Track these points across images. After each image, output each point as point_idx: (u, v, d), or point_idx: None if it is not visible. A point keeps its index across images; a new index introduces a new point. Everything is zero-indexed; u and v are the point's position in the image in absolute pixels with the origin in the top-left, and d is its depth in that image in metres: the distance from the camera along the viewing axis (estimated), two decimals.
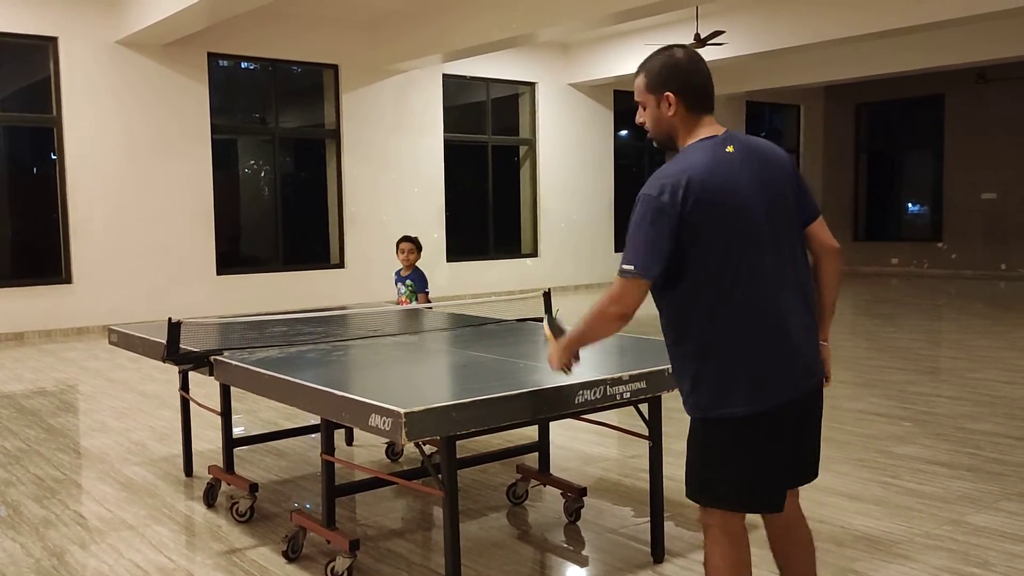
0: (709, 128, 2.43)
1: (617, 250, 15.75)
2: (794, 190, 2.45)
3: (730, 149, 2.38)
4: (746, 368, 2.33)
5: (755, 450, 2.36)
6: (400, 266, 6.32)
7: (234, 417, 4.40)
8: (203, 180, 11.49)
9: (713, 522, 2.43)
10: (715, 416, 2.36)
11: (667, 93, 2.42)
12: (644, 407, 3.45)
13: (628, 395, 3.07)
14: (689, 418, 2.46)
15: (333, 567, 3.33)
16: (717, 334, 2.34)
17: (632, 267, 2.32)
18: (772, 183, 2.39)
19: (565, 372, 2.70)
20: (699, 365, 2.38)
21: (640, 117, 2.53)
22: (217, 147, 11.70)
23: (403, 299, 6.20)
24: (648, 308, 2.50)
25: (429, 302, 6.21)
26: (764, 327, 2.33)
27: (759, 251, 2.34)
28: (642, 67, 2.49)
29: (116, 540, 3.83)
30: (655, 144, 2.55)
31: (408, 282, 6.23)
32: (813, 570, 2.63)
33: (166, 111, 11.17)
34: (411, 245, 6.28)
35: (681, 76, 2.42)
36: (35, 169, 11.28)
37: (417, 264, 6.29)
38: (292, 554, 3.55)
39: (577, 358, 2.68)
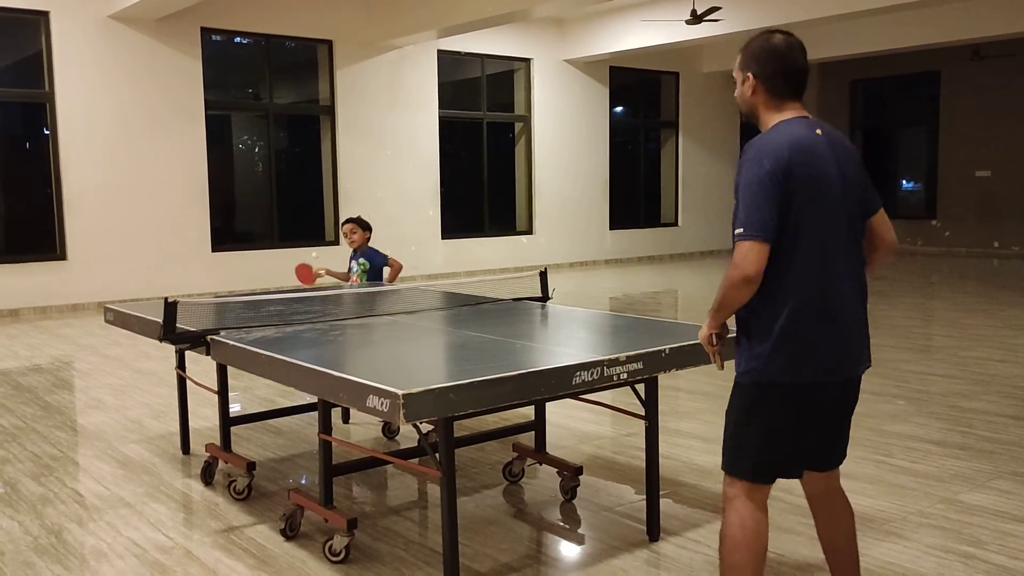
0: (793, 112, 2.50)
1: (612, 227, 15.76)
2: (862, 182, 2.55)
3: (819, 132, 2.47)
4: (802, 341, 2.40)
5: (790, 421, 2.45)
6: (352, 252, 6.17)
7: (231, 395, 4.41)
8: (197, 156, 11.44)
9: (736, 492, 2.49)
10: (764, 380, 2.43)
11: (749, 74, 2.52)
12: (640, 387, 3.46)
13: (625, 376, 3.08)
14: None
15: (331, 545, 3.35)
16: (787, 303, 2.39)
17: (743, 230, 2.35)
18: (848, 172, 2.48)
19: (711, 350, 2.62)
20: (757, 328, 2.44)
21: (735, 91, 2.64)
22: (211, 123, 11.63)
23: (354, 278, 6.02)
24: (643, 287, 2.50)
25: (400, 266, 6.11)
26: (827, 308, 2.42)
27: (835, 236, 2.44)
28: (743, 46, 2.60)
29: (114, 518, 3.84)
30: (743, 118, 2.68)
31: (362, 260, 6.05)
32: (854, 536, 2.69)
33: (159, 87, 11.09)
34: (352, 225, 6.14)
35: (769, 60, 2.50)
36: (28, 145, 11.20)
37: (371, 246, 6.14)
38: (290, 532, 3.57)
39: (722, 336, 2.60)
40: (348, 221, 6.20)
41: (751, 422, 2.48)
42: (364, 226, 6.16)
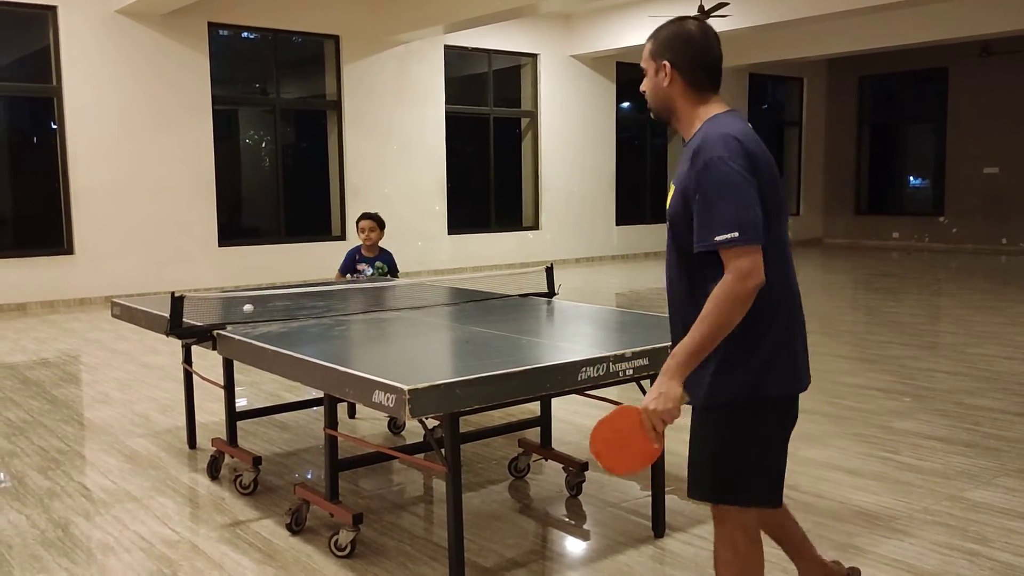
0: (717, 106, 2.33)
1: (619, 223, 15.73)
2: None
3: (749, 125, 2.31)
4: (785, 349, 2.28)
5: (780, 437, 2.34)
6: (358, 244, 5.89)
7: (237, 390, 4.42)
8: (204, 151, 11.45)
9: (729, 517, 2.34)
10: (755, 398, 2.24)
11: (664, 62, 2.33)
12: (646, 383, 3.46)
13: (631, 372, 3.08)
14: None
15: (336, 540, 3.36)
16: (775, 313, 2.26)
17: (738, 234, 2.10)
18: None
19: (675, 417, 2.21)
20: (741, 342, 2.21)
21: (643, 84, 2.44)
22: (218, 118, 11.64)
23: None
24: (649, 282, 2.49)
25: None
26: (794, 308, 2.32)
27: (786, 239, 2.33)
28: (652, 33, 2.41)
29: (120, 512, 3.86)
30: (652, 115, 2.46)
31: (379, 264, 5.81)
32: (793, 521, 2.68)
33: (166, 81, 11.11)
34: (372, 223, 5.78)
35: (686, 49, 2.32)
36: (36, 139, 11.24)
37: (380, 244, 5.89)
38: (296, 527, 3.58)
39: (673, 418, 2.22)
40: (367, 217, 5.86)
41: (748, 445, 2.28)
42: (382, 225, 5.85)
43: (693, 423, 2.35)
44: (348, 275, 5.96)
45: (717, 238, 2.12)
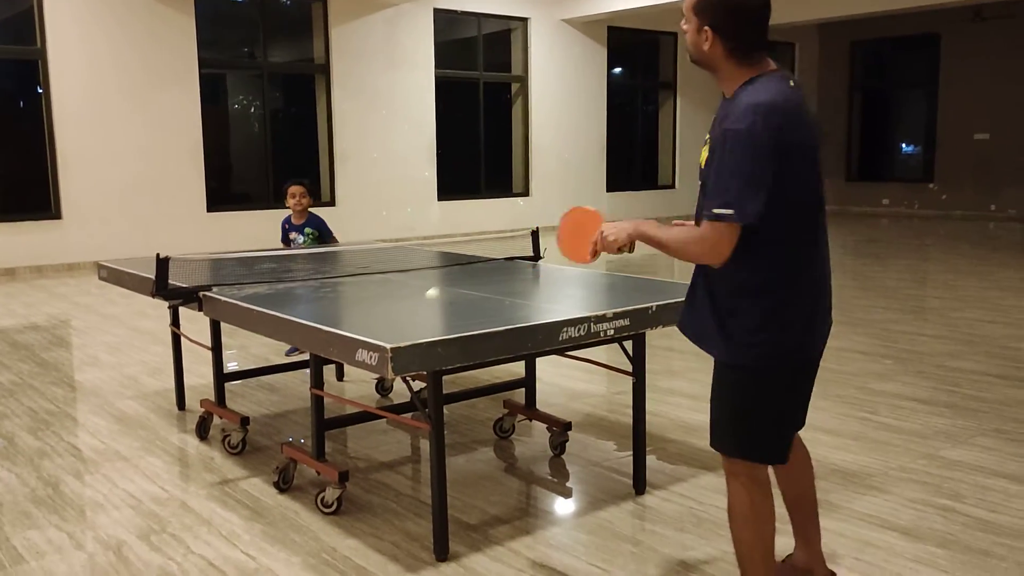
0: (760, 67, 2.27)
1: (609, 189, 15.73)
2: None
3: (792, 84, 2.28)
4: (807, 313, 2.33)
5: (796, 401, 2.42)
6: (289, 214, 5.85)
7: (226, 352, 4.46)
8: (191, 115, 11.38)
9: (739, 470, 2.40)
10: (773, 359, 2.30)
11: (706, 28, 2.25)
12: (628, 344, 3.51)
13: (612, 332, 3.12)
14: (716, 364, 2.42)
15: (323, 497, 3.42)
16: (798, 278, 2.29)
17: (730, 211, 2.14)
18: (817, 131, 2.33)
19: (611, 250, 2.48)
20: (762, 306, 2.28)
21: (684, 30, 2.36)
22: (205, 82, 11.55)
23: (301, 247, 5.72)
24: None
25: (336, 243, 5.87)
26: (821, 275, 2.37)
27: (819, 205, 2.33)
28: None
29: (110, 470, 3.91)
30: (691, 61, 2.41)
31: (308, 230, 5.78)
32: (812, 483, 2.69)
33: (152, 44, 11.00)
34: (302, 189, 5.78)
35: (731, 15, 2.23)
36: (21, 103, 11.14)
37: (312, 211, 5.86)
38: (283, 485, 3.64)
39: (631, 249, 2.50)
40: (298, 183, 5.81)
41: (762, 404, 2.35)
42: (313, 192, 5.82)
43: (715, 377, 2.43)
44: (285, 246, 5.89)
45: (716, 211, 2.18)
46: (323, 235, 5.85)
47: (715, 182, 2.19)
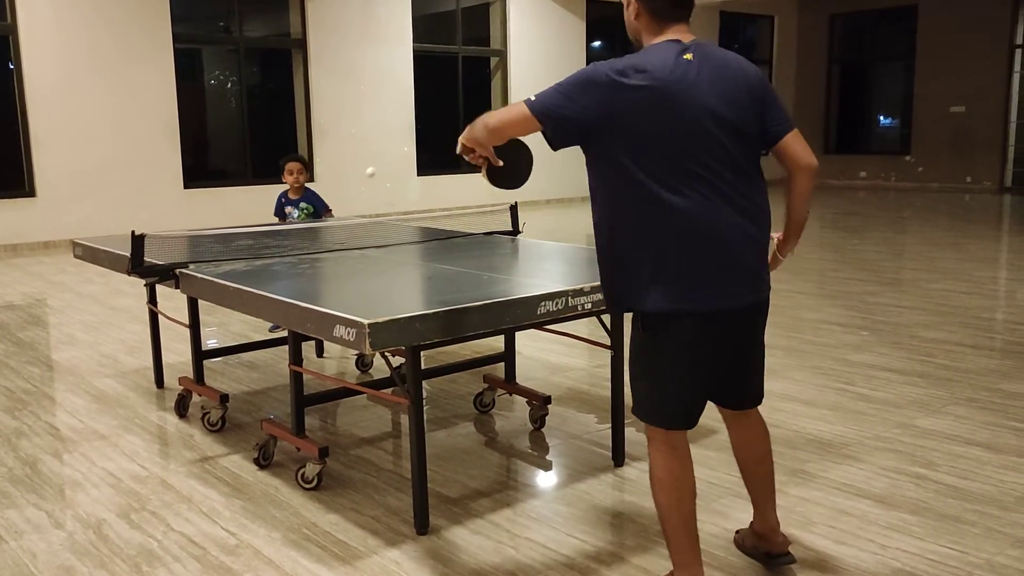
0: (674, 35, 2.40)
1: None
2: (758, 105, 2.41)
3: (688, 57, 2.34)
4: (685, 270, 2.32)
5: (684, 360, 2.39)
6: (285, 188, 5.92)
7: (205, 330, 4.44)
8: (166, 91, 11.24)
9: (655, 435, 2.45)
10: (639, 310, 2.40)
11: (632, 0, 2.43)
12: (607, 318, 3.52)
13: (590, 306, 3.13)
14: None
15: (303, 473, 3.43)
16: (660, 234, 2.32)
17: (533, 98, 2.47)
18: (727, 96, 2.34)
19: (470, 156, 2.72)
20: (631, 259, 2.39)
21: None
22: (180, 57, 11.40)
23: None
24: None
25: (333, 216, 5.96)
26: (707, 235, 2.32)
27: (699, 164, 2.31)
28: None
29: (89, 449, 3.90)
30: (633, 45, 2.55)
31: (304, 205, 5.83)
32: (768, 455, 2.70)
33: (125, 19, 10.83)
34: (300, 165, 5.84)
35: None
36: None
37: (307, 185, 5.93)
38: (263, 461, 3.64)
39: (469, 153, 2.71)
40: (296, 159, 5.89)
41: (645, 361, 2.43)
42: (308, 166, 5.93)
43: None
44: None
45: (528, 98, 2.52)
46: (318, 210, 5.88)
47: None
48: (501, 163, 2.66)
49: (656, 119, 2.30)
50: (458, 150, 2.66)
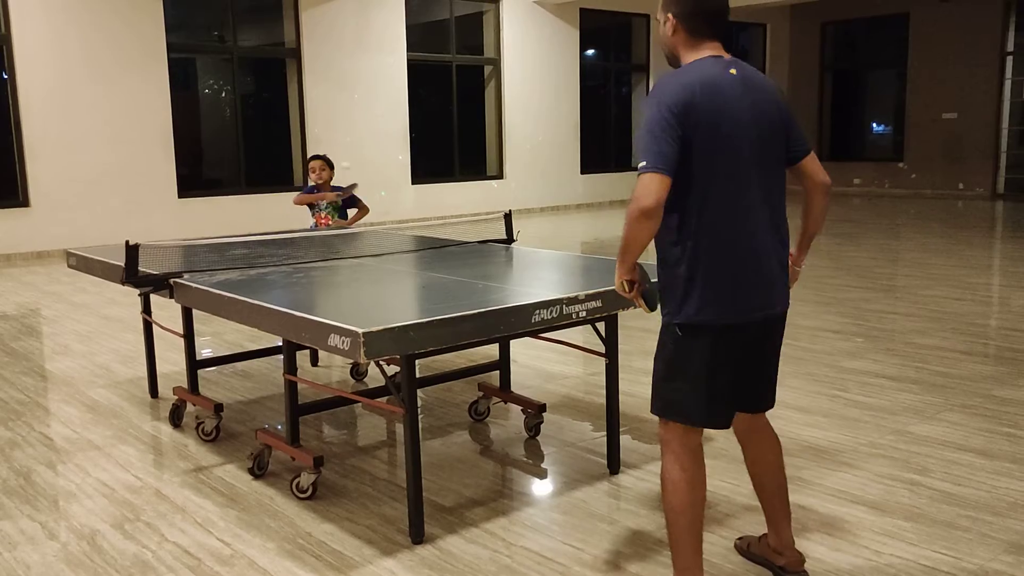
0: (710, 51, 2.46)
1: (584, 172, 15.74)
2: (784, 126, 2.51)
3: (733, 72, 2.42)
4: (719, 281, 2.39)
5: (716, 363, 2.44)
6: (311, 184, 6.19)
7: (200, 340, 4.43)
8: (161, 100, 11.24)
9: (672, 437, 2.49)
10: (685, 321, 2.42)
11: (669, 14, 2.49)
12: (601, 326, 3.53)
13: (584, 314, 3.14)
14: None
15: (298, 483, 3.42)
16: (700, 245, 2.39)
17: (644, 163, 2.33)
18: (764, 116, 2.44)
19: (629, 297, 2.53)
20: (674, 273, 2.43)
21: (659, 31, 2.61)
22: (175, 66, 11.41)
23: (325, 216, 6.05)
24: (614, 230, 2.54)
25: (367, 210, 6.17)
26: (742, 248, 2.40)
27: (747, 176, 2.40)
28: None
29: (83, 460, 3.88)
30: (668, 61, 2.59)
31: (326, 204, 6.07)
32: (780, 469, 2.73)
33: (120, 28, 10.84)
34: (321, 162, 6.11)
35: (688, 1, 2.46)
36: None
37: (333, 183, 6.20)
38: (258, 471, 3.64)
39: (635, 282, 2.50)
40: (317, 158, 6.18)
41: (680, 365, 2.47)
42: (331, 165, 6.17)
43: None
44: (310, 208, 6.17)
45: (638, 164, 2.36)
46: (345, 204, 6.09)
47: (637, 147, 2.43)
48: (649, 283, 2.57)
49: (710, 135, 2.35)
50: (620, 291, 2.54)
